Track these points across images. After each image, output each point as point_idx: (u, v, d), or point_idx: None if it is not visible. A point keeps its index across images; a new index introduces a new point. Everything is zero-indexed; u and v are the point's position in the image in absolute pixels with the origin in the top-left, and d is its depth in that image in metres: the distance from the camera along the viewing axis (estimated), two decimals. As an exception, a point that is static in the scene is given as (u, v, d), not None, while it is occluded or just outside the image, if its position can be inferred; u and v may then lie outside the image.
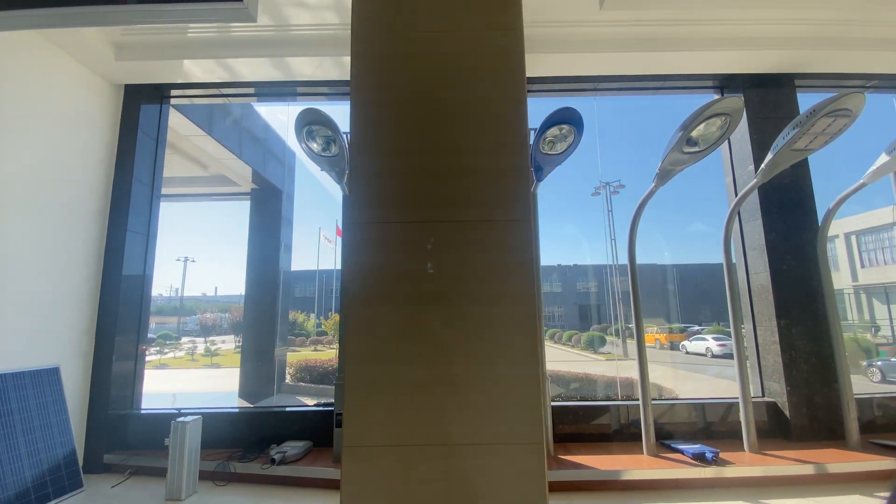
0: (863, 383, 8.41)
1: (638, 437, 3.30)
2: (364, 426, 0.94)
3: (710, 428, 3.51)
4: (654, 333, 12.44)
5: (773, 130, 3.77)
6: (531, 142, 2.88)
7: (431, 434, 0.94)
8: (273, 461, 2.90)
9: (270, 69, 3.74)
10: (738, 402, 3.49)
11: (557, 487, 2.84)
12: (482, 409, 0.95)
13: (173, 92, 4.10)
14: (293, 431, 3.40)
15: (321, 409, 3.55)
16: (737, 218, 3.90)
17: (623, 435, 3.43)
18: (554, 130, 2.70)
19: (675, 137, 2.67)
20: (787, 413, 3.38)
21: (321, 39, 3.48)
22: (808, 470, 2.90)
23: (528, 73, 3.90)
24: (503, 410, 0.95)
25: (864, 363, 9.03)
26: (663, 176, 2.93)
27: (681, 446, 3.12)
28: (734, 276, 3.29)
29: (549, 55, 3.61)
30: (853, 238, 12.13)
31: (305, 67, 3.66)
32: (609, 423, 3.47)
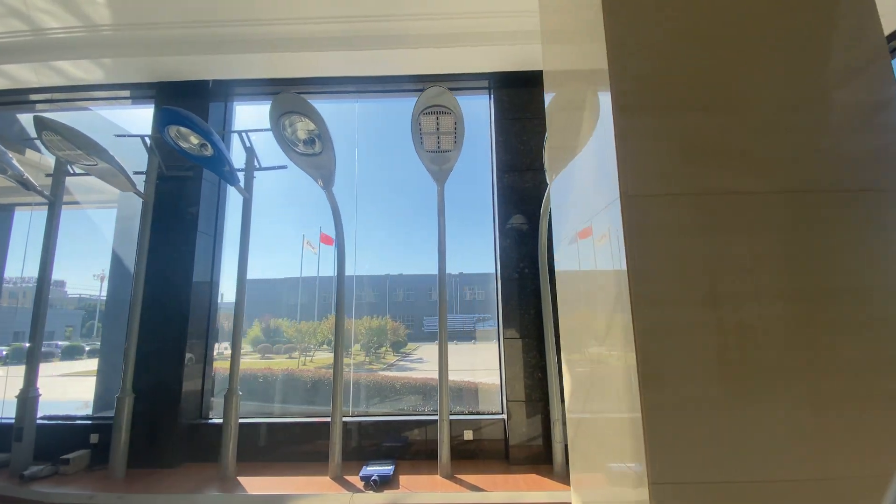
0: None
1: (363, 456, 3.16)
2: None
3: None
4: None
5: (520, 131, 3.60)
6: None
7: None
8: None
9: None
10: (477, 419, 3.29)
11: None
12: None
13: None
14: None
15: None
16: (495, 226, 3.71)
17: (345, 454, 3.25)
18: (183, 132, 2.63)
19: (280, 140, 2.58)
20: (506, 433, 3.12)
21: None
22: (493, 499, 2.65)
23: (270, 75, 3.79)
24: None
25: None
26: (326, 181, 2.83)
27: (369, 468, 2.92)
28: (444, 285, 3.11)
29: (291, 53, 3.53)
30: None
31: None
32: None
